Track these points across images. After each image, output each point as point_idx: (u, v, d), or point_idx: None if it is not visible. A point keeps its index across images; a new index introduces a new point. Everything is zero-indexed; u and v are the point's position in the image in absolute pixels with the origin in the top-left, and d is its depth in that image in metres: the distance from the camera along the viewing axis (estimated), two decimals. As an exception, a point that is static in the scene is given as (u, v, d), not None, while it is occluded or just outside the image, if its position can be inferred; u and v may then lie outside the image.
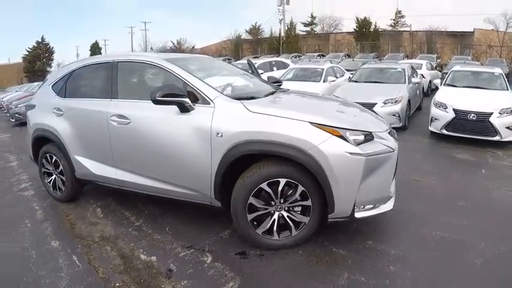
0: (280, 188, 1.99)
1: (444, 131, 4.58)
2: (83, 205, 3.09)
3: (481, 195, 2.94)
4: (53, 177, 3.15)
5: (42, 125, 3.06)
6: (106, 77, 2.70)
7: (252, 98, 2.26)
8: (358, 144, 1.92)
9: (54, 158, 3.06)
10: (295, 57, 18.46)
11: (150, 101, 2.21)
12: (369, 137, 1.99)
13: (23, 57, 36.78)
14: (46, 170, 3.20)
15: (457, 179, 3.35)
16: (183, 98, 2.11)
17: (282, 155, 1.91)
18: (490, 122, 4.21)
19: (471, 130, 4.31)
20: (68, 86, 3.01)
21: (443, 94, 4.99)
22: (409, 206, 2.63)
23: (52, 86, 3.14)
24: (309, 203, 2.03)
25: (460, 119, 4.36)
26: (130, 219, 2.73)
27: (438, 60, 16.84)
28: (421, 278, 1.83)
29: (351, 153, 1.86)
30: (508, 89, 5.03)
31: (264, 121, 1.96)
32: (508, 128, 4.19)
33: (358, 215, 2.01)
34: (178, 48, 34.08)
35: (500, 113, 4.22)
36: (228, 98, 2.16)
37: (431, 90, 9.50)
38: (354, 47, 26.86)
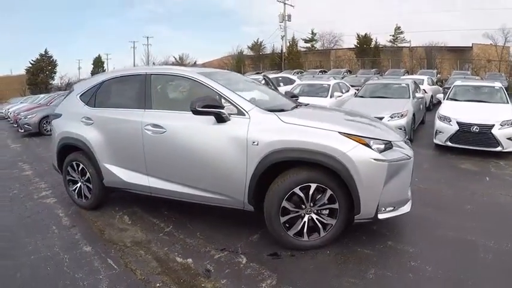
0: (311, 192, 2.25)
1: (449, 143, 4.93)
2: (108, 212, 3.26)
3: (487, 201, 3.23)
4: (78, 185, 3.32)
5: (70, 133, 3.25)
6: (138, 89, 2.93)
7: (282, 110, 2.55)
8: (380, 151, 2.21)
9: (81, 166, 3.23)
10: (298, 73, 19.15)
11: (186, 112, 2.49)
12: (388, 145, 2.28)
13: (26, 69, 37.70)
14: (71, 178, 3.36)
15: (463, 187, 3.64)
16: (220, 109, 2.38)
17: (315, 161, 2.19)
18: (492, 133, 4.58)
19: (474, 142, 4.67)
20: (98, 96, 3.23)
21: (447, 108, 5.39)
22: (421, 211, 2.89)
23: (80, 96, 3.34)
24: (336, 206, 2.29)
25: (464, 132, 4.73)
26: (159, 226, 2.92)
27: (438, 75, 17.60)
28: (439, 271, 2.07)
29: (375, 160, 2.15)
30: (508, 102, 5.44)
31: (298, 131, 2.25)
32: (509, 139, 4.56)
33: (380, 216, 2.27)
34: (180, 63, 35.46)
35: (501, 125, 4.60)
36: (262, 110, 2.44)
37: (433, 104, 10.03)
38: (355, 63, 28.02)
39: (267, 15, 56.67)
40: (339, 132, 2.21)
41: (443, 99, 5.99)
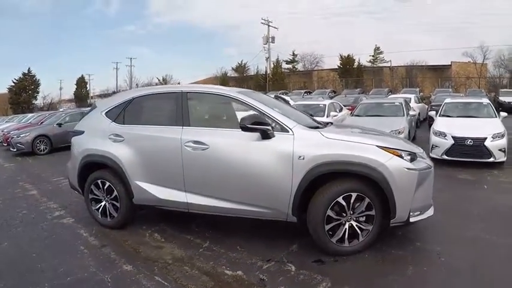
0: (352, 201, 2.60)
1: (445, 157, 5.54)
2: (135, 231, 3.35)
3: (490, 205, 3.73)
4: (103, 203, 3.39)
5: (96, 150, 3.32)
6: (174, 106, 3.11)
7: (317, 127, 2.94)
8: (410, 162, 2.65)
9: (108, 184, 3.28)
10: (283, 94, 20.08)
11: (229, 129, 2.81)
12: (413, 156, 2.71)
13: (8, 88, 37.57)
14: (94, 197, 3.42)
15: (466, 194, 4.15)
16: (267, 126, 2.68)
17: (358, 172, 2.54)
18: (485, 145, 5.24)
19: (469, 154, 5.31)
20: (127, 113, 3.35)
21: (441, 124, 6.08)
22: (435, 216, 3.32)
23: (106, 113, 3.45)
24: (373, 212, 2.63)
25: (459, 145, 5.37)
26: (195, 242, 3.08)
27: (421, 94, 19.22)
28: (465, 264, 2.46)
29: (408, 169, 2.55)
30: (496, 116, 6.25)
31: (341, 146, 2.61)
32: (500, 150, 5.25)
33: (412, 219, 2.65)
34: (164, 84, 36.49)
35: (493, 138, 5.28)
36: (304, 127, 2.78)
37: (420, 122, 11.01)
38: (338, 83, 29.89)
39: (250, 37, 60.72)
40: (377, 146, 2.61)
41: (436, 115, 6.78)
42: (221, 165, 2.84)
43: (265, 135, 2.71)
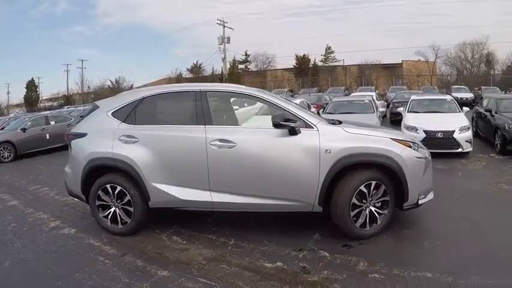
0: (372, 188, 3.01)
1: (417, 149, 6.50)
2: (150, 236, 3.34)
3: (466, 189, 4.49)
4: (112, 209, 3.31)
5: (105, 153, 3.24)
6: (193, 105, 3.19)
7: (334, 123, 3.28)
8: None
9: (119, 188, 3.22)
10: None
11: (254, 126, 3.06)
12: (416, 146, 3.22)
13: None
14: (102, 203, 3.33)
15: (444, 181, 4.79)
16: (295, 123, 2.94)
17: (378, 162, 2.94)
18: (453, 137, 6.18)
19: (439, 146, 6.18)
20: (139, 113, 3.32)
21: (412, 119, 6.96)
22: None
23: (112, 114, 3.38)
24: (387, 198, 3.06)
25: (430, 138, 6.23)
26: (219, 241, 3.20)
27: (377, 91, 21.28)
28: (466, 237, 3.04)
29: (417, 157, 3.05)
30: (460, 111, 7.31)
31: (361, 139, 3.00)
32: (467, 141, 6.24)
33: (420, 202, 3.14)
34: (117, 86, 36.59)
35: (460, 130, 6.26)
36: (326, 123, 3.11)
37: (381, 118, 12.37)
38: (294, 83, 31.48)
39: (204, 38, 61.09)
40: (391, 139, 3.06)
41: (404, 111, 7.75)
42: (250, 162, 3.02)
43: (293, 132, 2.96)
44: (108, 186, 3.29)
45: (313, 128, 3.05)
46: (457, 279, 2.35)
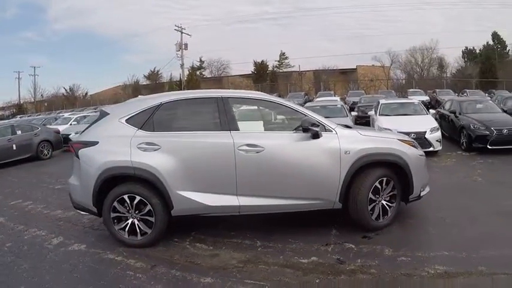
0: (384, 184, 3.48)
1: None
2: (171, 245, 3.40)
3: (447, 183, 5.25)
4: (129, 221, 3.30)
5: (123, 162, 3.22)
6: (215, 111, 3.36)
7: (347, 127, 3.73)
8: (417, 150, 3.76)
9: (138, 198, 3.23)
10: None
11: (279, 131, 3.40)
12: (417, 145, 3.84)
13: None
14: (118, 215, 3.31)
15: None
16: (318, 128, 3.31)
17: (389, 160, 3.42)
18: (425, 138, 7.12)
19: (413, 145, 7.21)
20: (157, 120, 3.37)
21: (384, 121, 7.82)
22: None
23: (127, 120, 3.38)
24: (395, 192, 3.56)
25: (404, 138, 7.23)
26: (246, 243, 3.40)
27: (336, 96, 22.85)
28: (464, 221, 3.67)
29: (420, 155, 3.62)
30: (427, 114, 8.35)
31: (375, 141, 3.49)
32: (437, 140, 7.22)
33: (421, 194, 3.69)
34: (71, 94, 35.24)
35: (431, 131, 7.25)
36: (342, 127, 3.51)
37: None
38: (252, 89, 32.72)
39: (158, 44, 61.40)
40: (398, 139, 3.60)
41: (376, 114, 8.64)
42: (277, 165, 3.29)
43: (316, 136, 3.32)
44: (125, 196, 3.28)
45: (332, 131, 3.44)
46: (470, 254, 2.89)
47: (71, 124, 14.15)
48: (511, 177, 5.64)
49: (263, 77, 35.21)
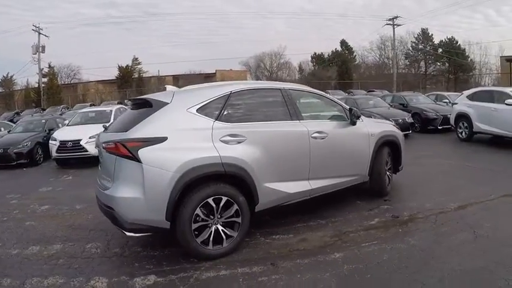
0: (391, 156, 4.72)
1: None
2: (250, 245, 3.31)
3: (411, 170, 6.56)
4: (213, 228, 3.01)
5: (212, 158, 2.93)
6: (281, 102, 3.64)
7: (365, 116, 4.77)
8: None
9: (225, 199, 3.00)
10: (66, 109, 21.08)
11: (331, 120, 4.04)
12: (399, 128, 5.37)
13: None
14: (202, 224, 2.97)
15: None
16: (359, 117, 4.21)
17: (393, 140, 4.67)
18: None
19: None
20: (231, 110, 3.28)
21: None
22: (401, 181, 5.44)
23: (198, 110, 3.10)
24: (390, 164, 4.91)
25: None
26: (312, 225, 3.82)
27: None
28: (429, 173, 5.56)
29: (404, 135, 5.16)
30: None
31: (384, 125, 4.74)
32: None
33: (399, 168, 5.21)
34: None
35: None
36: (363, 116, 4.50)
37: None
38: (117, 95, 30.29)
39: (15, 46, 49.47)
40: (393, 124, 5.07)
41: None
42: (336, 148, 3.96)
43: (355, 123, 4.22)
44: (210, 200, 2.96)
45: (360, 119, 4.42)
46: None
47: None
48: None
49: (129, 82, 34.10)
